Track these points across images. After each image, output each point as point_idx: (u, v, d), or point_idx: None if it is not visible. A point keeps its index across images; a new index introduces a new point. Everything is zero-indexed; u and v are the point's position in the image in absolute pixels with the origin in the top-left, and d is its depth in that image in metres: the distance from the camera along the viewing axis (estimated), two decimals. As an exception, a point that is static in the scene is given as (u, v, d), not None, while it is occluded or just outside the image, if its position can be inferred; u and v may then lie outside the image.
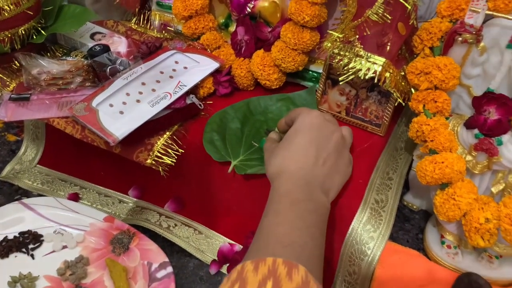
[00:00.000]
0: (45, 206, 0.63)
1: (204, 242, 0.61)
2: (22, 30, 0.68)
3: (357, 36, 0.57)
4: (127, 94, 0.61)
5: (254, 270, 0.38)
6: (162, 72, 0.65)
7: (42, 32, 0.71)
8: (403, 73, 0.58)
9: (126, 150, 0.59)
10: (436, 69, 0.53)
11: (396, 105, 0.59)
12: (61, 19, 0.73)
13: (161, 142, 0.60)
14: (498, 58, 0.52)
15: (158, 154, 0.59)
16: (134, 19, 0.81)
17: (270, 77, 0.66)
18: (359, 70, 0.55)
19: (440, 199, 0.51)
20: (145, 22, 0.81)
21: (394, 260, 0.53)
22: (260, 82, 0.68)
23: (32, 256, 0.59)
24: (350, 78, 0.56)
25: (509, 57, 0.51)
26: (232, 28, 0.72)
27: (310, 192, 0.49)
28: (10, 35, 0.67)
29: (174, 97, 0.61)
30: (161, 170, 0.58)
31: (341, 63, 0.56)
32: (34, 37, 0.71)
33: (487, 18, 0.53)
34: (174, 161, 0.59)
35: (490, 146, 0.50)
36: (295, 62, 0.64)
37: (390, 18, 0.57)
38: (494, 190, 0.53)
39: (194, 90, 0.65)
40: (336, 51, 0.57)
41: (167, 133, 0.61)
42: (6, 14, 0.65)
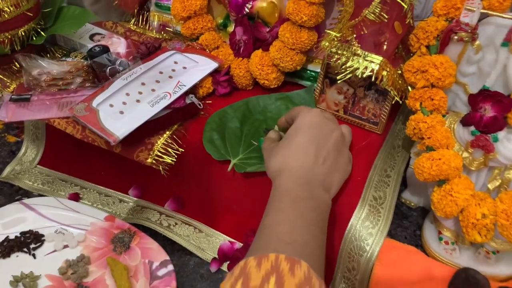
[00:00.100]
0: (46, 206, 0.63)
1: (204, 241, 0.62)
2: (22, 31, 0.68)
3: (354, 35, 0.57)
4: (127, 94, 0.62)
5: (257, 266, 0.39)
6: (161, 72, 0.65)
7: (42, 33, 0.71)
8: (400, 71, 0.58)
9: (126, 149, 0.60)
10: (432, 67, 0.53)
11: (393, 103, 0.59)
12: (60, 21, 0.73)
13: (161, 141, 0.60)
14: (493, 56, 0.52)
15: (158, 154, 0.59)
16: (133, 20, 0.82)
17: (268, 76, 0.67)
18: (357, 69, 0.55)
19: (437, 196, 0.52)
20: (143, 23, 0.81)
21: (393, 256, 0.53)
22: (258, 81, 0.68)
23: (33, 255, 0.59)
24: (347, 77, 0.56)
25: (504, 55, 0.51)
26: (230, 28, 0.73)
27: (311, 190, 0.49)
28: (10, 37, 0.68)
29: (174, 97, 0.62)
30: (161, 169, 0.59)
31: (338, 62, 0.56)
32: (34, 38, 0.71)
33: (482, 16, 0.53)
34: (174, 160, 0.59)
35: (486, 143, 0.50)
36: (293, 62, 0.64)
37: (386, 17, 0.58)
38: (490, 186, 0.53)
39: (193, 90, 0.66)
40: (333, 50, 0.57)
41: (167, 132, 0.62)
42: (6, 16, 0.66)
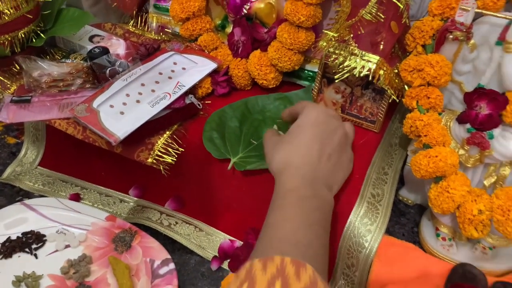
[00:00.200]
0: (47, 207, 0.64)
1: (204, 239, 0.62)
2: (22, 33, 0.69)
3: (351, 35, 0.58)
4: (127, 95, 0.62)
5: (262, 269, 0.38)
6: (161, 73, 0.66)
7: (42, 35, 0.71)
8: (397, 70, 0.59)
9: (127, 149, 0.60)
10: (428, 66, 0.54)
11: (390, 102, 0.60)
12: (60, 23, 0.74)
13: (161, 141, 0.61)
14: (488, 54, 0.53)
15: (159, 153, 0.60)
16: (131, 22, 0.82)
17: (267, 76, 0.67)
18: (354, 68, 0.56)
19: (434, 192, 0.52)
20: (142, 25, 0.81)
21: (391, 253, 0.54)
22: (257, 81, 0.69)
23: (35, 255, 0.59)
24: (345, 76, 0.57)
25: (498, 53, 0.51)
26: (228, 29, 0.73)
27: (315, 188, 0.49)
28: (10, 39, 0.68)
29: (174, 97, 0.62)
30: (162, 169, 0.59)
31: (336, 62, 0.57)
32: (34, 40, 0.71)
33: (477, 16, 0.54)
34: (175, 159, 0.60)
35: (481, 140, 0.51)
36: (291, 62, 0.65)
37: (383, 17, 0.58)
38: (486, 183, 0.54)
39: (192, 90, 0.66)
40: (331, 50, 0.57)
41: (167, 132, 0.62)
42: (6, 18, 0.66)
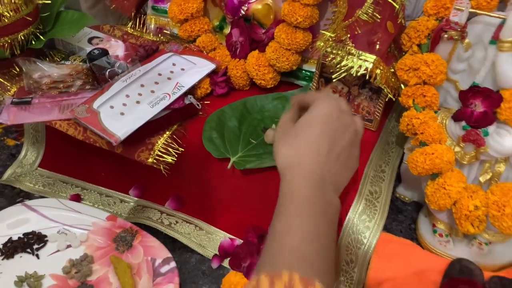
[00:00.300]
0: (48, 207, 0.64)
1: (205, 238, 0.63)
2: (21, 35, 0.69)
3: (348, 35, 0.59)
4: (127, 95, 0.63)
5: (270, 286, 0.37)
6: (160, 74, 0.67)
7: (41, 37, 0.72)
8: (393, 69, 0.59)
9: (127, 150, 0.61)
10: (424, 65, 0.54)
11: (386, 100, 0.61)
12: (59, 25, 0.74)
13: (161, 141, 0.61)
14: (482, 53, 0.54)
15: (159, 153, 0.60)
16: (130, 24, 0.82)
17: (265, 76, 0.68)
18: (351, 68, 0.57)
19: (431, 189, 0.53)
20: (141, 26, 0.82)
21: (389, 250, 0.55)
22: (255, 81, 0.70)
23: (37, 256, 0.60)
24: (342, 76, 0.58)
25: (492, 52, 0.52)
26: (226, 30, 0.74)
27: (322, 190, 0.47)
28: (10, 41, 0.68)
29: (173, 97, 0.63)
30: (162, 169, 0.60)
31: (333, 62, 0.58)
32: (33, 42, 0.72)
33: (471, 15, 0.55)
34: (175, 159, 0.61)
35: (477, 137, 0.51)
36: (289, 62, 0.66)
37: (379, 17, 0.59)
38: (482, 179, 0.55)
39: (191, 91, 0.67)
40: (328, 50, 0.58)
41: (167, 132, 0.63)
42: (6, 20, 0.66)
